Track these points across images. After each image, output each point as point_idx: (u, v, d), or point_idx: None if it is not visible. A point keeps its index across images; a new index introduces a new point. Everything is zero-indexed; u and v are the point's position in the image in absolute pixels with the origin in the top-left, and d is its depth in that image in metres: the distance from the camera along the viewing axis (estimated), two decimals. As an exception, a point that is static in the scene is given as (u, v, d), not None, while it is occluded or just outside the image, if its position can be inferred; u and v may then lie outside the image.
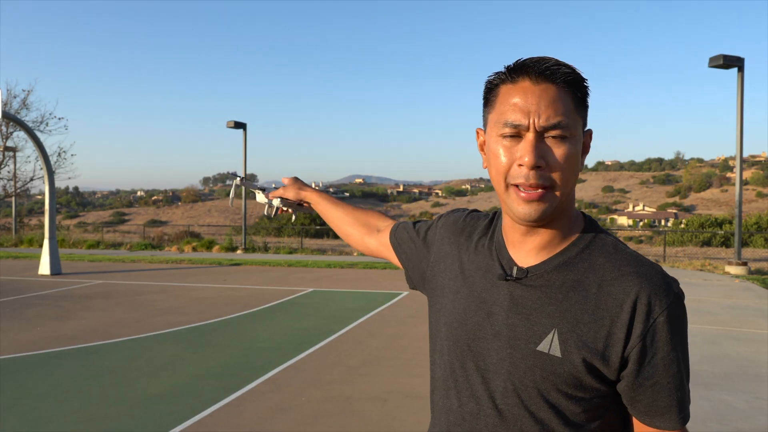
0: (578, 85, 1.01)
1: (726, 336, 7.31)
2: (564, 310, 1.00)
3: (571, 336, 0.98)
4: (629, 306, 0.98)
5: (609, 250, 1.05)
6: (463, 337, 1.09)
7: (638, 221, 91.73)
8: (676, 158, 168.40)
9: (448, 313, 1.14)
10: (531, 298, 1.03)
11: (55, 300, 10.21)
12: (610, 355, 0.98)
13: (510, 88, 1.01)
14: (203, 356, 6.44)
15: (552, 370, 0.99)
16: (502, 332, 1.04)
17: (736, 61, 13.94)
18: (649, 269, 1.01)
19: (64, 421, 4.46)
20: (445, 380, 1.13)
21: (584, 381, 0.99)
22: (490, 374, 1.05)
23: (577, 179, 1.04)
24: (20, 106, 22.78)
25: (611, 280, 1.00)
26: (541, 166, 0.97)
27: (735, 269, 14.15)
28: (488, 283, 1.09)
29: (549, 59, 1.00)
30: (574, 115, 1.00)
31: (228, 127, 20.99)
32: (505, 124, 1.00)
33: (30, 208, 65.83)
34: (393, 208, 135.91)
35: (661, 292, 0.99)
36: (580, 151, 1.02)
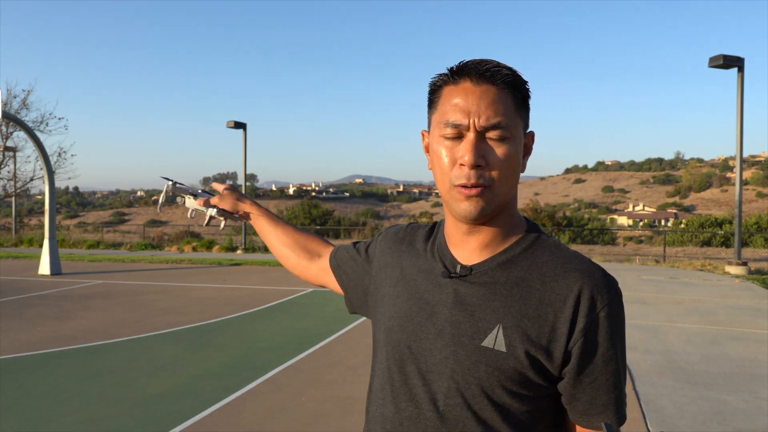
0: (518, 87, 1.02)
1: (726, 336, 7.31)
2: (508, 306, 1.01)
3: (516, 331, 0.99)
4: (572, 301, 0.99)
5: (551, 249, 1.07)
6: (404, 339, 1.07)
7: (638, 221, 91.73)
8: (676, 158, 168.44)
9: (387, 319, 1.12)
10: (475, 295, 1.03)
11: (55, 300, 10.21)
12: (553, 350, 0.99)
13: (452, 89, 1.03)
14: (203, 356, 6.44)
15: (497, 365, 0.98)
16: (445, 330, 1.03)
17: (736, 61, 13.94)
18: (590, 266, 1.04)
19: (64, 421, 4.46)
20: (381, 388, 1.11)
21: (528, 377, 0.99)
22: (432, 375, 1.03)
23: (517, 179, 1.05)
24: (20, 106, 22.78)
25: (554, 276, 1.02)
26: (481, 165, 0.99)
27: (735, 269, 14.15)
28: (431, 283, 1.09)
29: (490, 61, 1.02)
30: (514, 116, 1.02)
31: (228, 127, 21.00)
32: (446, 125, 1.01)
33: (30, 208, 65.85)
34: (393, 208, 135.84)
35: (602, 288, 1.01)
36: (521, 152, 1.04)
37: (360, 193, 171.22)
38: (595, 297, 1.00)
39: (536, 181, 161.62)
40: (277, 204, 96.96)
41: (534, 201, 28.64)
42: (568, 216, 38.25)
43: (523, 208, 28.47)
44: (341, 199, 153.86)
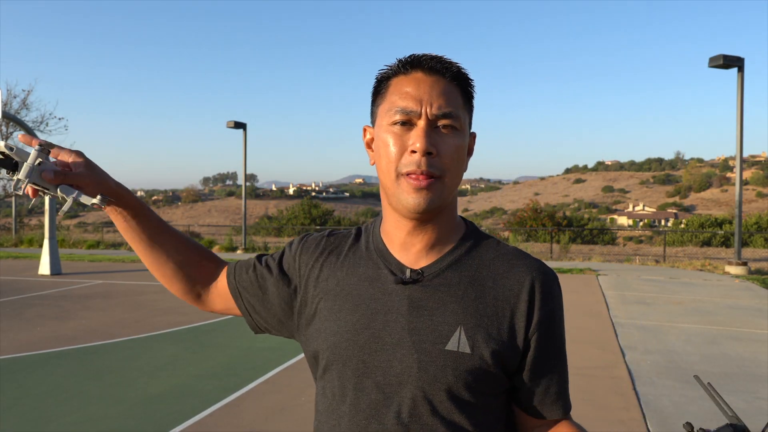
0: (466, 83, 1.02)
1: (726, 336, 7.31)
2: (466, 306, 1.00)
3: (477, 330, 0.98)
4: (526, 295, 1.01)
5: (494, 246, 1.08)
6: (356, 354, 1.00)
7: (638, 221, 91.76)
8: (676, 158, 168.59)
9: (331, 335, 1.03)
10: (431, 299, 1.00)
11: (55, 300, 10.21)
12: (514, 345, 1.00)
13: (402, 78, 1.01)
14: (203, 356, 6.44)
15: (464, 367, 0.97)
16: (404, 339, 0.99)
17: (736, 61, 13.94)
18: (534, 261, 1.06)
19: (64, 421, 4.46)
20: (334, 409, 1.04)
21: (493, 374, 0.99)
22: (393, 387, 0.98)
23: (462, 176, 1.04)
24: (20, 106, 22.83)
25: (504, 273, 1.03)
26: (433, 153, 0.97)
27: (735, 269, 14.15)
28: (378, 291, 1.03)
29: (440, 56, 1.02)
30: (463, 109, 1.01)
31: (228, 127, 20.99)
32: (396, 111, 0.98)
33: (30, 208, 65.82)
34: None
35: (552, 282, 1.05)
36: (467, 147, 1.03)
37: (360, 193, 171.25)
38: (546, 290, 1.03)
39: (536, 181, 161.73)
40: (277, 204, 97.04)
41: (534, 201, 28.65)
42: (568, 216, 38.28)
43: (523, 207, 28.48)
44: (341, 199, 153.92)
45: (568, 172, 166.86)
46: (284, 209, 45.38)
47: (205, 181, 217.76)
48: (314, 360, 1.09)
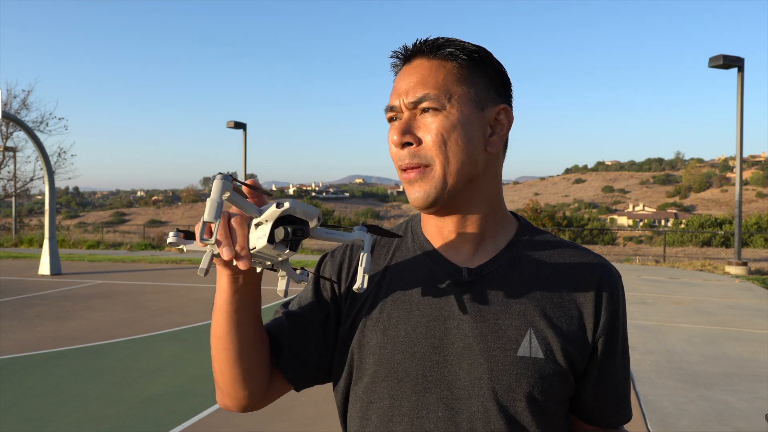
0: (456, 56, 0.92)
1: (726, 336, 7.31)
2: (532, 307, 0.92)
3: (548, 333, 0.90)
4: (593, 295, 0.94)
5: (552, 243, 1.00)
6: (414, 368, 0.90)
7: (638, 221, 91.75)
8: (676, 158, 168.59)
9: (377, 348, 0.92)
10: (493, 301, 0.92)
11: (55, 300, 10.21)
12: (584, 347, 0.93)
13: (396, 76, 0.97)
14: (203, 356, 6.44)
15: (539, 374, 0.89)
16: (470, 347, 0.89)
17: (736, 61, 13.94)
18: (597, 258, 0.99)
19: (64, 421, 4.46)
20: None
21: (567, 378, 0.92)
22: (462, 402, 0.89)
23: (471, 157, 0.91)
24: (20, 106, 22.79)
25: (567, 270, 0.96)
26: (411, 143, 0.90)
27: (735, 269, 14.15)
28: (432, 296, 0.93)
29: (423, 39, 0.94)
30: (451, 85, 0.90)
31: (228, 127, 21.01)
32: (385, 110, 0.95)
33: (30, 208, 65.87)
34: (393, 208, 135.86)
35: (617, 282, 0.98)
36: (466, 124, 0.90)
37: (360, 193, 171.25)
38: (613, 291, 0.96)
39: (536, 181, 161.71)
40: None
41: (534, 201, 28.60)
42: (568, 216, 38.24)
43: (523, 208, 28.46)
44: (341, 199, 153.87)
45: (568, 172, 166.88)
46: (284, 209, 45.26)
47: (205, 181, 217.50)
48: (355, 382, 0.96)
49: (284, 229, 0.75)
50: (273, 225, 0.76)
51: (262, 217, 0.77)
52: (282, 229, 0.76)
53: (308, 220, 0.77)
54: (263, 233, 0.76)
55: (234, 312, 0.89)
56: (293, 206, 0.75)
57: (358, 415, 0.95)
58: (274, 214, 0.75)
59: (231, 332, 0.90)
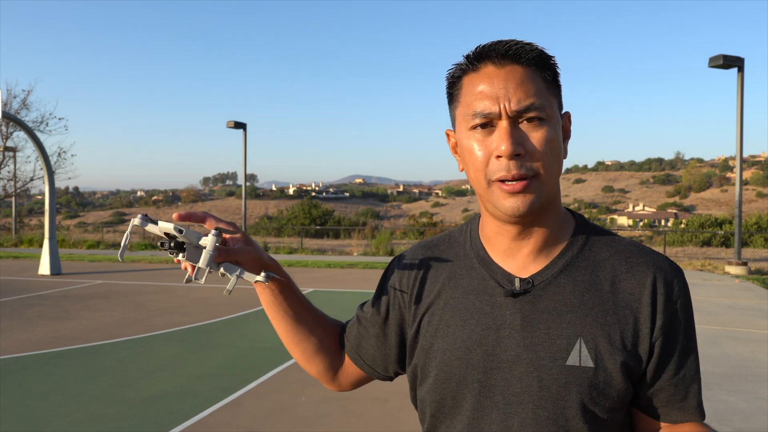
0: (546, 64, 0.93)
1: (726, 336, 7.31)
2: (584, 315, 0.92)
3: (599, 341, 0.91)
4: (648, 298, 0.93)
5: (609, 244, 0.99)
6: (470, 374, 0.95)
7: (638, 221, 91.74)
8: (676, 158, 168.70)
9: (438, 353, 0.98)
10: (545, 310, 0.93)
11: (55, 300, 10.21)
12: (639, 352, 0.92)
13: (473, 77, 0.93)
14: (203, 356, 6.44)
15: (588, 383, 0.89)
16: (521, 356, 0.92)
17: (736, 61, 13.94)
18: (656, 257, 0.98)
19: (64, 421, 4.46)
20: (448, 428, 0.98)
21: (620, 386, 0.91)
22: (513, 407, 0.92)
23: (561, 166, 0.95)
24: (20, 106, 22.79)
25: (622, 274, 0.95)
26: (521, 154, 0.89)
27: (735, 269, 14.15)
28: (486, 305, 0.96)
29: (510, 40, 0.92)
30: (547, 95, 0.92)
31: (228, 127, 21.00)
32: (474, 116, 0.91)
33: (30, 208, 65.89)
34: (393, 208, 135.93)
35: (674, 280, 0.96)
36: (560, 135, 0.94)
37: (360, 193, 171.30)
38: (669, 290, 0.94)
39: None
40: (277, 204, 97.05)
41: (534, 201, 28.63)
42: (568, 216, 38.20)
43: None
44: (341, 199, 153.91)
45: (568, 172, 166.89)
46: (284, 209, 45.41)
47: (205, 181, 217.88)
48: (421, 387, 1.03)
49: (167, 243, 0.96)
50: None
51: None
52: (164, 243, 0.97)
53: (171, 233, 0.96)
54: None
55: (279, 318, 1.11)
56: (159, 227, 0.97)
57: (430, 413, 1.02)
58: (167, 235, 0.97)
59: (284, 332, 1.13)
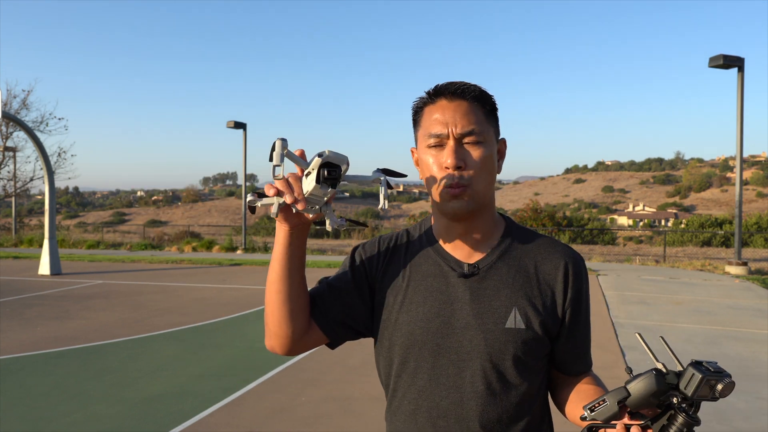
0: (485, 100, 1.23)
1: (726, 336, 7.31)
2: (516, 290, 1.23)
3: (528, 309, 1.22)
4: (561, 277, 1.25)
5: (531, 238, 1.31)
6: (430, 339, 1.22)
7: (638, 221, 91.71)
8: (676, 158, 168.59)
9: (406, 325, 1.24)
10: (488, 287, 1.23)
11: (55, 300, 10.21)
12: (555, 316, 1.24)
13: (431, 107, 1.23)
14: (203, 356, 6.44)
15: (521, 339, 1.20)
16: (470, 323, 1.21)
17: (736, 61, 13.94)
18: (565, 247, 1.30)
19: (65, 421, 4.46)
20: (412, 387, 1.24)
21: (543, 342, 1.23)
22: (465, 363, 1.20)
23: (494, 179, 1.24)
24: (20, 106, 22.77)
25: (542, 259, 1.27)
26: (461, 167, 1.18)
27: (735, 269, 14.15)
28: (442, 284, 1.24)
29: (460, 82, 1.23)
30: (485, 124, 1.21)
31: (228, 127, 21.00)
32: (429, 136, 1.21)
33: (30, 208, 65.83)
34: (393, 208, 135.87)
35: (579, 264, 1.29)
36: (495, 155, 1.24)
37: (360, 193, 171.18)
38: (577, 272, 1.27)
39: (536, 181, 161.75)
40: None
41: (534, 201, 28.61)
42: (568, 216, 38.25)
43: (523, 208, 28.48)
44: (341, 199, 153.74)
45: (568, 172, 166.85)
46: (284, 209, 45.19)
47: (205, 181, 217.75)
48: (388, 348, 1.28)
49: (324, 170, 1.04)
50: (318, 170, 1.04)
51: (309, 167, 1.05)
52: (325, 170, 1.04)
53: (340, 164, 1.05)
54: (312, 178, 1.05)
55: (288, 260, 1.20)
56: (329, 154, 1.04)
57: (393, 372, 1.28)
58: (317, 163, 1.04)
59: (284, 276, 1.21)
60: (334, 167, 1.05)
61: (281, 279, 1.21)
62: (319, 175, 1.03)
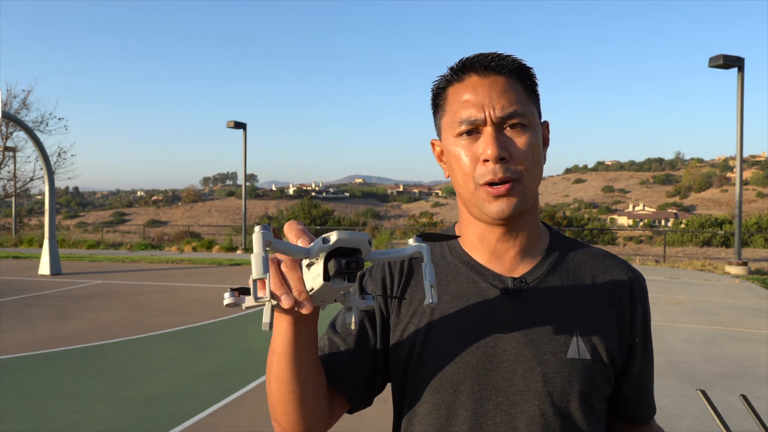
0: (526, 74, 0.97)
1: (726, 336, 7.31)
2: (575, 311, 0.96)
3: (592, 335, 0.95)
4: (627, 295, 1.00)
5: (583, 248, 1.06)
6: (469, 377, 0.94)
7: (638, 221, 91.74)
8: (676, 158, 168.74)
9: (432, 361, 0.95)
10: (540, 307, 0.96)
11: (55, 300, 10.21)
12: (623, 345, 0.99)
13: (458, 87, 0.97)
14: (203, 356, 6.44)
15: (588, 374, 0.93)
16: (523, 353, 0.93)
17: (736, 61, 13.95)
18: (624, 262, 1.06)
19: (64, 421, 4.46)
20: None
21: (610, 378, 0.97)
22: (517, 407, 0.92)
23: (542, 171, 0.99)
24: (20, 106, 22.77)
25: (601, 274, 1.01)
26: (506, 158, 0.92)
27: (735, 269, 14.15)
28: (480, 307, 0.97)
29: (492, 53, 0.97)
30: (528, 103, 0.96)
31: (228, 127, 21.01)
32: (460, 123, 0.94)
33: (30, 208, 65.88)
34: (393, 208, 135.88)
35: (644, 282, 1.05)
36: (541, 141, 0.98)
37: (360, 193, 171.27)
38: (644, 291, 1.03)
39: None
40: (277, 204, 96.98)
41: (534, 201, 28.61)
42: (568, 216, 38.28)
43: (523, 208, 28.48)
44: (341, 199, 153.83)
45: (568, 172, 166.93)
46: (284, 209, 45.34)
47: (205, 181, 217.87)
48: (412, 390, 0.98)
49: (336, 262, 0.71)
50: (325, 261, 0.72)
51: (311, 257, 0.72)
52: (334, 262, 0.71)
53: (359, 247, 0.72)
54: (317, 272, 0.73)
55: (297, 354, 0.87)
56: (340, 238, 0.71)
57: (418, 429, 0.98)
58: (323, 251, 0.71)
59: (295, 374, 0.89)
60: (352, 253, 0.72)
61: (293, 377, 0.89)
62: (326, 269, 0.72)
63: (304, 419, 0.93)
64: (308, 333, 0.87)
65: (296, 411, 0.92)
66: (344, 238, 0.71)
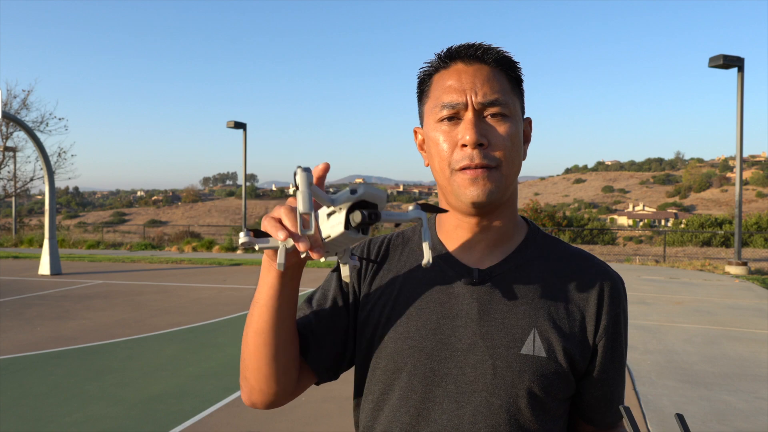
0: (511, 66, 0.97)
1: (726, 336, 7.31)
2: (538, 308, 0.95)
3: (551, 334, 0.94)
4: (595, 299, 0.98)
5: (560, 247, 1.04)
6: (423, 362, 0.94)
7: (638, 221, 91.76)
8: (676, 158, 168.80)
9: (389, 343, 0.97)
10: (501, 301, 0.96)
11: (55, 300, 10.21)
12: (584, 348, 0.97)
13: (443, 73, 0.97)
14: (203, 356, 6.44)
15: (540, 371, 0.93)
16: (477, 344, 0.93)
17: (736, 61, 13.95)
18: (602, 264, 1.03)
19: (64, 421, 4.46)
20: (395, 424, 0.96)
21: (567, 377, 0.96)
22: (466, 396, 0.93)
23: (520, 164, 0.98)
24: (20, 106, 22.79)
25: (572, 274, 1.00)
26: (484, 144, 0.92)
27: (735, 269, 14.15)
28: (443, 295, 0.97)
29: (478, 43, 0.98)
30: (511, 94, 0.96)
31: (228, 127, 21.02)
32: (442, 107, 0.95)
33: (30, 208, 65.85)
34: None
35: (620, 287, 1.02)
36: (521, 133, 0.98)
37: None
38: (615, 295, 1.00)
39: (536, 181, 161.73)
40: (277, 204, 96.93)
41: (534, 201, 28.59)
42: (568, 216, 38.25)
43: (523, 208, 28.45)
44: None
45: (568, 172, 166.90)
46: (284, 209, 45.25)
47: (205, 181, 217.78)
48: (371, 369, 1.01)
49: (361, 214, 0.75)
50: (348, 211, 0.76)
51: (336, 206, 0.77)
52: (359, 213, 0.75)
53: (378, 203, 0.77)
54: (338, 221, 0.77)
55: (279, 306, 0.92)
56: (367, 191, 0.75)
57: (370, 406, 1.01)
58: (348, 201, 0.76)
59: (275, 326, 0.93)
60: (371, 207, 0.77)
61: (271, 329, 0.92)
62: (348, 220, 0.76)
63: (274, 377, 0.96)
64: (292, 286, 0.92)
65: (267, 367, 0.95)
66: (370, 192, 0.75)
